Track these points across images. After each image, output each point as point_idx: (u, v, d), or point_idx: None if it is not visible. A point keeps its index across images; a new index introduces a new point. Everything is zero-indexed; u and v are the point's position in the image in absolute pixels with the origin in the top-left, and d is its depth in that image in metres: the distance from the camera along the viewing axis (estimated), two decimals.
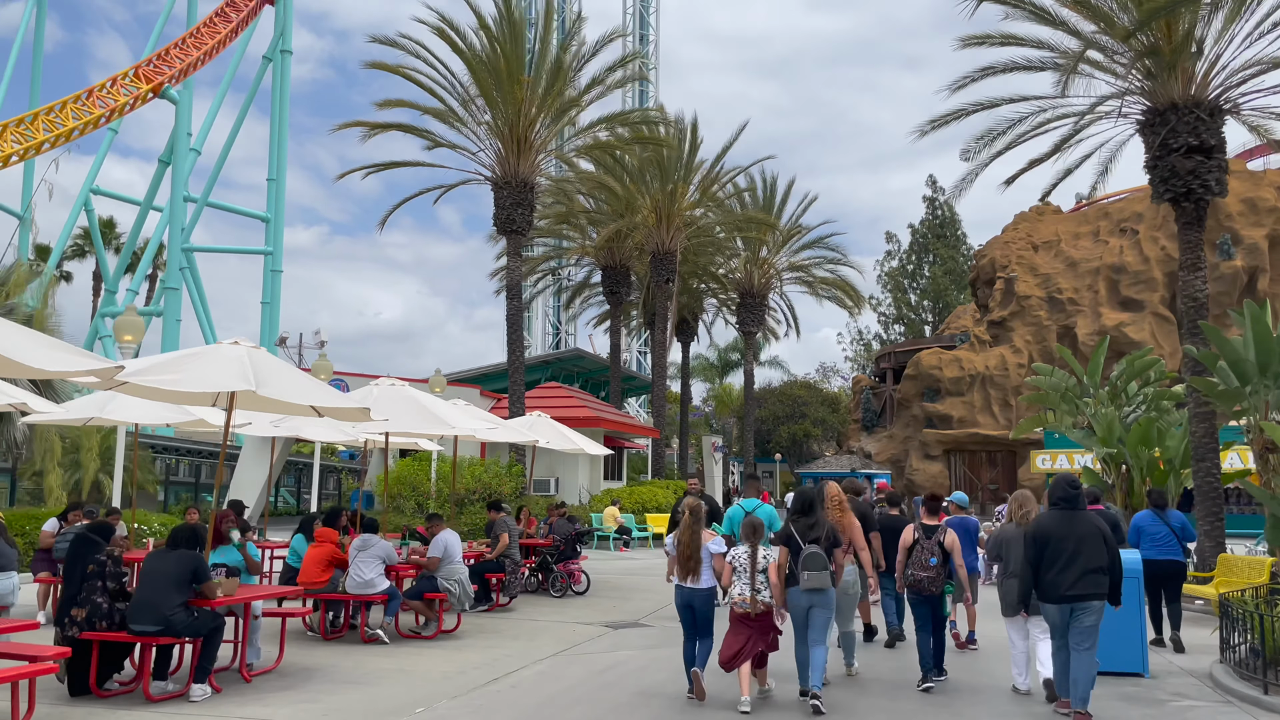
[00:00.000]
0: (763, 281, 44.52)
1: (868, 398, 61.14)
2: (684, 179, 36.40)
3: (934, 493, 10.92)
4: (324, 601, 11.58)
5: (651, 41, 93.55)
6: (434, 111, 27.64)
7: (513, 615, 14.16)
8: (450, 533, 12.01)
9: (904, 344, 63.77)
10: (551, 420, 17.56)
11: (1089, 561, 7.69)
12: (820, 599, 8.30)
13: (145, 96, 43.86)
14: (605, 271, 40.25)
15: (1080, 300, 53.19)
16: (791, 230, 44.47)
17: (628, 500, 29.41)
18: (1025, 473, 49.91)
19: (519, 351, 27.86)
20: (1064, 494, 8.01)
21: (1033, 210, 59.89)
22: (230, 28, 49.65)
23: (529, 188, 27.93)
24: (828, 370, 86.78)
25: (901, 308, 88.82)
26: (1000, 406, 53.44)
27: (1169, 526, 12.21)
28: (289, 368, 8.92)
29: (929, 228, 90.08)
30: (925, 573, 9.14)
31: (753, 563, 8.30)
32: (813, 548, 8.30)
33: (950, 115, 19.54)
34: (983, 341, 55.58)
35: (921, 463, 54.37)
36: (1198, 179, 17.36)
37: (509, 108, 27.16)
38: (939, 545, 9.26)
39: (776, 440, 59.10)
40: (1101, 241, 55.24)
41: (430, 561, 11.78)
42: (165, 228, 53.09)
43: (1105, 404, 20.33)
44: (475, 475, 25.98)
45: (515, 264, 28.01)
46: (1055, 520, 7.93)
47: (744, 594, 8.28)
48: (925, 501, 10.04)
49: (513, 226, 27.82)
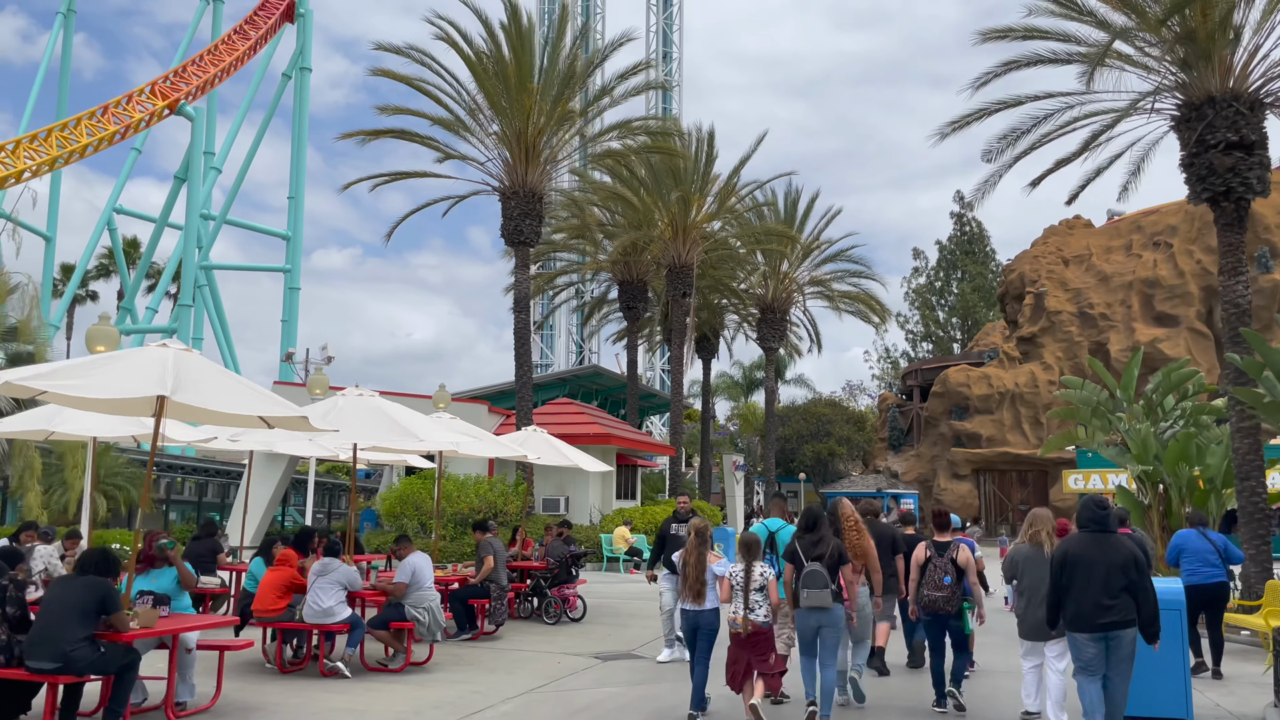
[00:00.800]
0: (784, 296, 43.40)
1: (894, 416, 59.75)
2: (700, 190, 35.44)
3: (941, 509, 10.47)
4: (281, 631, 10.65)
5: (675, 59, 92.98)
6: (441, 121, 26.92)
7: (497, 645, 13.17)
8: (420, 556, 11.05)
9: (931, 361, 62.36)
10: (547, 435, 16.60)
11: (1121, 588, 7.22)
12: (826, 618, 8.07)
13: (161, 113, 43.64)
14: (622, 286, 39.36)
15: (1113, 315, 51.68)
16: (813, 243, 43.37)
17: (640, 520, 28.36)
18: (1057, 493, 48.36)
19: (527, 366, 26.96)
20: (1092, 515, 7.52)
21: (1062, 224, 58.49)
22: (249, 45, 49.46)
23: (537, 198, 27.12)
24: (854, 389, 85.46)
25: (930, 325, 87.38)
26: (1031, 425, 51.92)
27: (1213, 544, 11.45)
28: (222, 373, 8.02)
29: (957, 244, 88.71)
30: (939, 592, 8.83)
31: (746, 580, 8.08)
32: (814, 565, 8.09)
33: (972, 115, 18.50)
34: (1012, 358, 54.15)
35: (950, 482, 52.90)
36: (1237, 177, 16.20)
37: (517, 116, 26.38)
38: (952, 563, 8.93)
39: (801, 459, 57.82)
40: (1134, 255, 53.74)
41: (396, 588, 10.82)
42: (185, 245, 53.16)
43: (1140, 419, 19.10)
44: (479, 494, 25.07)
45: (523, 276, 27.16)
46: (1083, 544, 7.41)
47: (738, 613, 8.07)
48: (934, 518, 9.68)
49: (520, 238, 26.99)
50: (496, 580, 13.52)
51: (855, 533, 9.47)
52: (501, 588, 13.63)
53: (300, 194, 54.33)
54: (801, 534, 8.43)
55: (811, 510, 8.62)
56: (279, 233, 54.96)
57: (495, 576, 13.50)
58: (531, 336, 27.09)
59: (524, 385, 26.74)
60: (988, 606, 11.79)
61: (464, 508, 24.65)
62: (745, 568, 8.13)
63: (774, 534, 10.11)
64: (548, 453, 16.16)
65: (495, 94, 26.26)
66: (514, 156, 26.90)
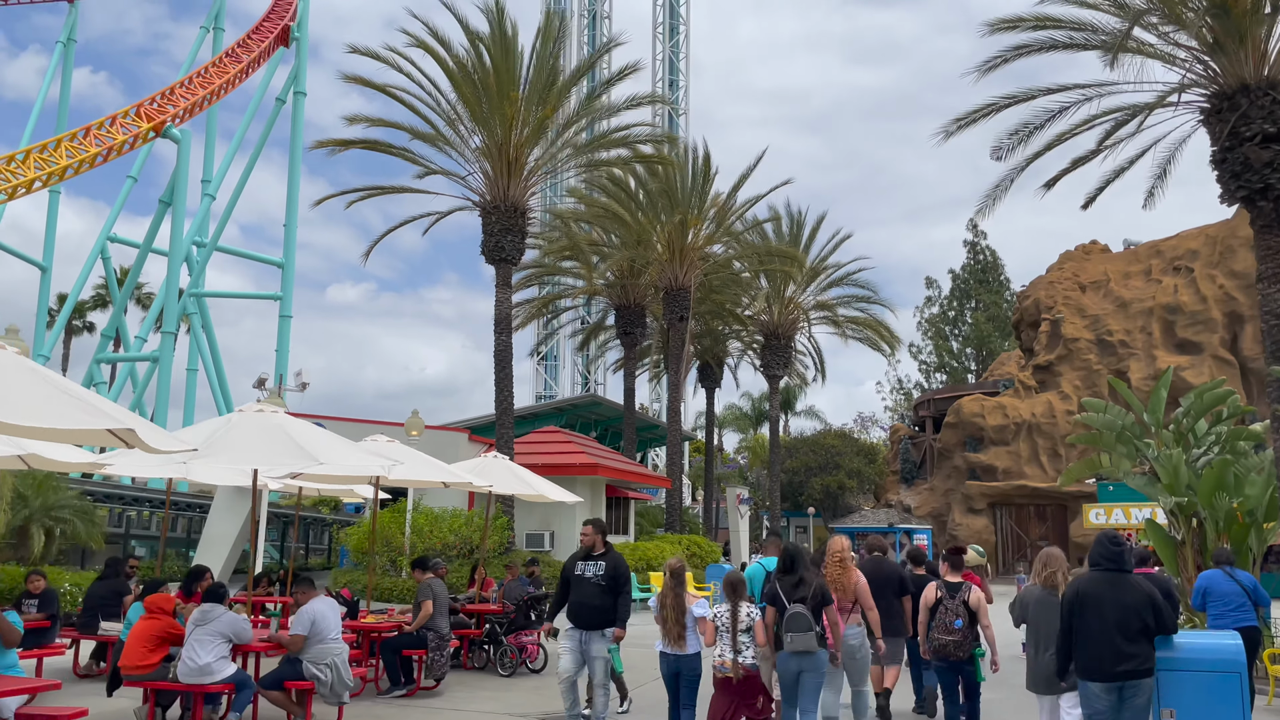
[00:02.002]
0: (788, 322, 41.71)
1: (906, 448, 57.71)
2: (697, 209, 33.89)
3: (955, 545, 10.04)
4: (154, 693, 8.93)
5: (681, 87, 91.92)
6: (418, 133, 25.49)
7: (433, 703, 11.39)
8: (322, 602, 9.32)
9: (944, 390, 60.39)
10: (510, 463, 14.90)
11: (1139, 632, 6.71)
12: (809, 662, 7.64)
13: (146, 135, 42.46)
14: (619, 311, 37.79)
15: (1132, 343, 49.72)
16: (819, 266, 41.69)
17: (630, 557, 26.51)
18: (1078, 528, 46.22)
19: (508, 391, 25.30)
20: (1104, 553, 7.02)
21: (1079, 249, 56.72)
22: (240, 68, 48.40)
23: (520, 213, 25.59)
24: (866, 421, 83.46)
25: (943, 355, 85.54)
26: (1049, 456, 49.84)
27: (1241, 586, 10.78)
28: (30, 370, 6.38)
29: (970, 273, 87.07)
30: (950, 636, 8.41)
31: (734, 622, 7.74)
32: (797, 607, 7.64)
33: (979, 111, 16.88)
34: (1028, 387, 52.17)
35: (965, 517, 50.77)
36: (1276, 172, 14.50)
37: (499, 126, 24.91)
38: (964, 605, 8.50)
39: (809, 493, 55.78)
40: (1154, 281, 51.85)
41: (292, 641, 9.09)
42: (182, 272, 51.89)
43: (1169, 445, 17.26)
44: (454, 529, 23.32)
45: (504, 295, 25.55)
46: (1096, 584, 6.92)
47: (725, 656, 7.73)
48: (947, 556, 9.16)
49: (502, 255, 25.44)
50: (435, 628, 11.76)
51: (838, 567, 8.82)
52: (441, 636, 11.87)
53: (294, 221, 53.05)
54: (781, 575, 7.96)
55: (790, 550, 8.19)
56: (273, 260, 53.66)
57: (434, 623, 11.74)
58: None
59: (504, 411, 25.06)
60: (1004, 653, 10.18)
61: (436, 543, 22.91)
62: (732, 609, 7.79)
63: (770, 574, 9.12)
64: (509, 481, 14.45)
65: (475, 102, 24.81)
66: (495, 169, 25.40)
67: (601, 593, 9.05)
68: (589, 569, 9.21)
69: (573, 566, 9.37)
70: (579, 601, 9.13)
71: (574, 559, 9.47)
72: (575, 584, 9.24)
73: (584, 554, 9.41)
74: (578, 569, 9.31)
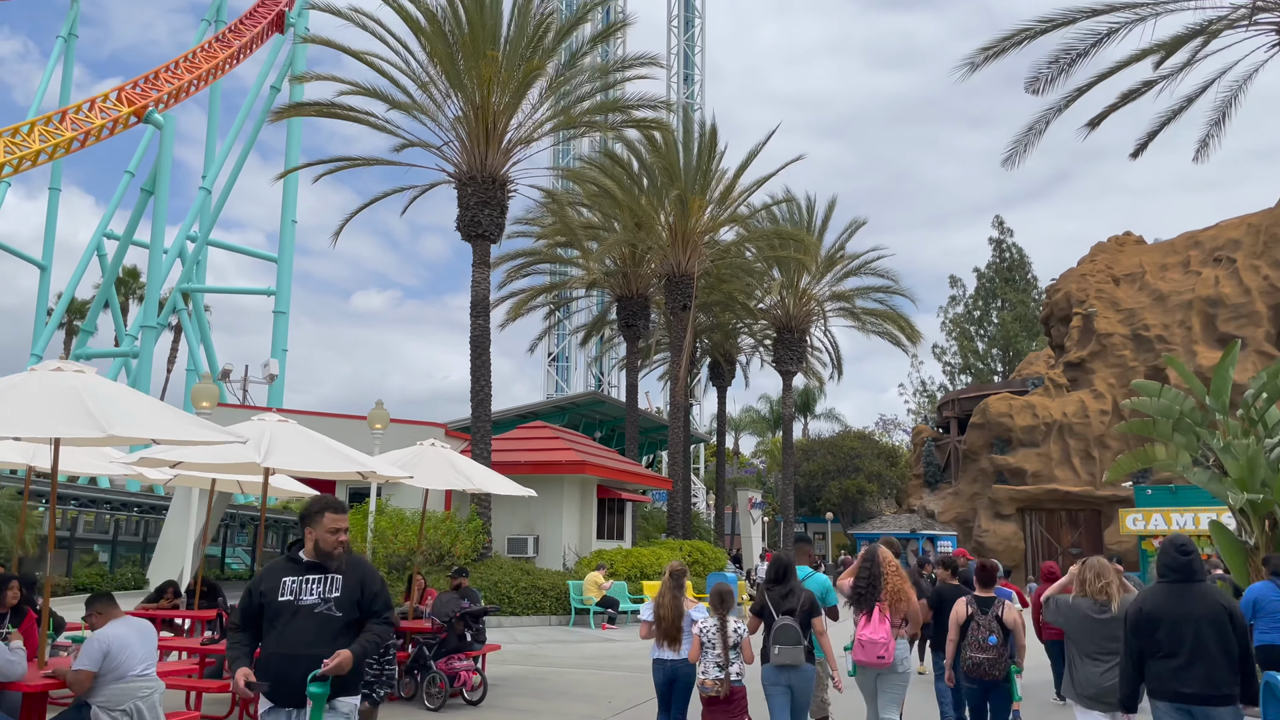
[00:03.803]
0: (802, 314, 39.11)
1: (930, 450, 54.92)
2: (700, 188, 31.39)
3: (986, 562, 8.89)
4: None
5: (697, 81, 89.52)
6: (394, 102, 23.14)
7: None
8: (125, 625, 6.88)
9: (969, 390, 57.48)
10: (446, 451, 12.45)
11: (1214, 651, 5.98)
12: (796, 677, 7.39)
13: (126, 120, 40.45)
14: (621, 302, 35.33)
15: (1170, 338, 46.76)
16: (836, 253, 39.08)
17: (623, 564, 24.05)
18: (1113, 534, 43.37)
19: (484, 381, 22.89)
20: (1173, 562, 6.31)
21: (1112, 240, 53.81)
22: (230, 53, 46.37)
23: (499, 184, 23.21)
24: (888, 423, 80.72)
25: (968, 356, 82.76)
26: (1081, 459, 46.96)
27: None
28: None
29: (996, 271, 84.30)
30: (985, 654, 7.88)
31: (723, 636, 7.46)
32: (786, 619, 7.41)
33: (1011, 38, 14.30)
34: (1059, 385, 49.30)
35: (991, 523, 47.92)
36: None
37: (475, 88, 22.55)
38: (997, 621, 7.99)
39: (827, 497, 53.12)
40: (1193, 272, 48.90)
41: (76, 679, 6.64)
42: (177, 267, 49.95)
43: (1238, 435, 14.61)
44: (418, 532, 20.87)
45: (481, 275, 23.13)
46: (1164, 597, 6.22)
47: (710, 674, 7.40)
48: (977, 572, 8.49)
49: (478, 230, 23.07)
50: None
51: (897, 577, 8.12)
52: None
53: (290, 213, 50.84)
54: (770, 585, 7.70)
55: (780, 559, 7.87)
56: (266, 255, 51.59)
57: None
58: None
59: (480, 403, 22.65)
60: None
61: (399, 549, 20.50)
62: (719, 622, 7.51)
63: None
64: (443, 474, 12.02)
65: (448, 60, 22.46)
66: (471, 136, 23.04)
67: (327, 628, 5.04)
68: (308, 588, 5.12)
69: (274, 586, 5.12)
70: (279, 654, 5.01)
71: (277, 573, 5.18)
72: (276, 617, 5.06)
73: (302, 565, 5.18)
74: (285, 590, 5.11)
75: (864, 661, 7.68)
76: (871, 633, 7.67)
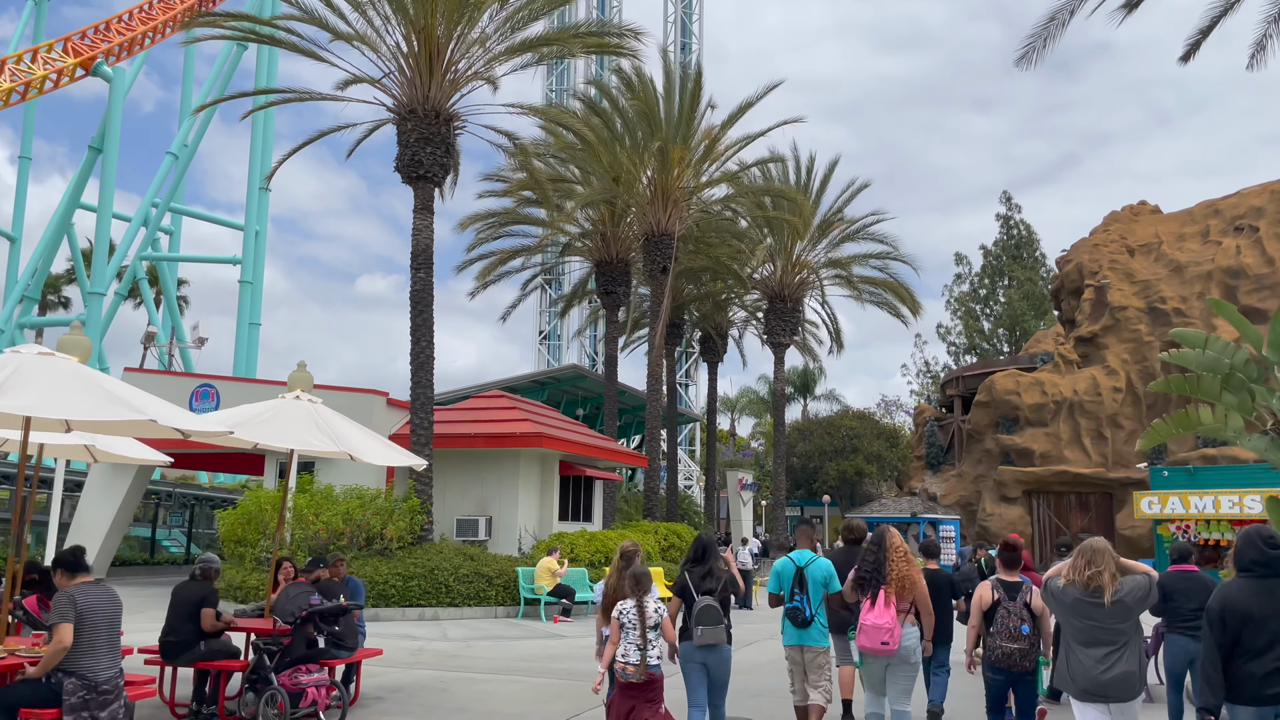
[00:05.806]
0: (795, 283, 36.39)
1: (932, 430, 52.26)
2: (682, 139, 28.65)
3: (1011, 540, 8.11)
4: None
5: (694, 51, 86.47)
6: (319, 22, 20.45)
7: None
8: None
9: (974, 367, 54.75)
10: (315, 406, 9.80)
11: None
12: (713, 656, 7.33)
13: (72, 72, 37.79)
14: (599, 267, 32.65)
15: (1189, 311, 44.00)
16: (832, 217, 36.33)
17: (585, 548, 21.44)
18: (1126, 518, 40.81)
19: (427, 340, 20.24)
20: (1258, 556, 5.69)
21: (1126, 209, 50.99)
22: (187, 5, 43.57)
23: (443, 119, 20.51)
24: (890, 404, 78.04)
25: (973, 336, 79.96)
26: (1092, 439, 44.27)
27: None
28: None
29: (1003, 248, 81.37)
30: (1017, 644, 7.32)
31: (642, 619, 7.07)
32: (706, 599, 7.34)
33: None
34: (1069, 361, 46.54)
35: (997, 506, 45.28)
36: None
37: (413, 6, 19.83)
38: (1026, 607, 7.44)
39: (824, 479, 50.46)
40: (1212, 242, 46.10)
41: None
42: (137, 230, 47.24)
43: None
44: (346, 511, 18.28)
45: (423, 222, 20.42)
46: (1250, 592, 5.64)
47: (628, 660, 6.99)
48: (1001, 553, 8.00)
49: (420, 171, 20.40)
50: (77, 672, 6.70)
51: (904, 563, 7.79)
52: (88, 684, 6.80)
53: (255, 179, 48.05)
54: (690, 565, 7.68)
55: (701, 539, 7.83)
56: (233, 223, 48.89)
57: (74, 664, 6.69)
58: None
59: (421, 365, 20.00)
60: None
61: (320, 530, 17.89)
62: (638, 604, 7.14)
63: (802, 569, 8.32)
64: (303, 433, 9.38)
65: None
66: (412, 64, 20.33)
67: None
68: None
69: None
70: None
71: None
72: None
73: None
74: None
75: (868, 647, 7.51)
76: (876, 617, 7.48)
